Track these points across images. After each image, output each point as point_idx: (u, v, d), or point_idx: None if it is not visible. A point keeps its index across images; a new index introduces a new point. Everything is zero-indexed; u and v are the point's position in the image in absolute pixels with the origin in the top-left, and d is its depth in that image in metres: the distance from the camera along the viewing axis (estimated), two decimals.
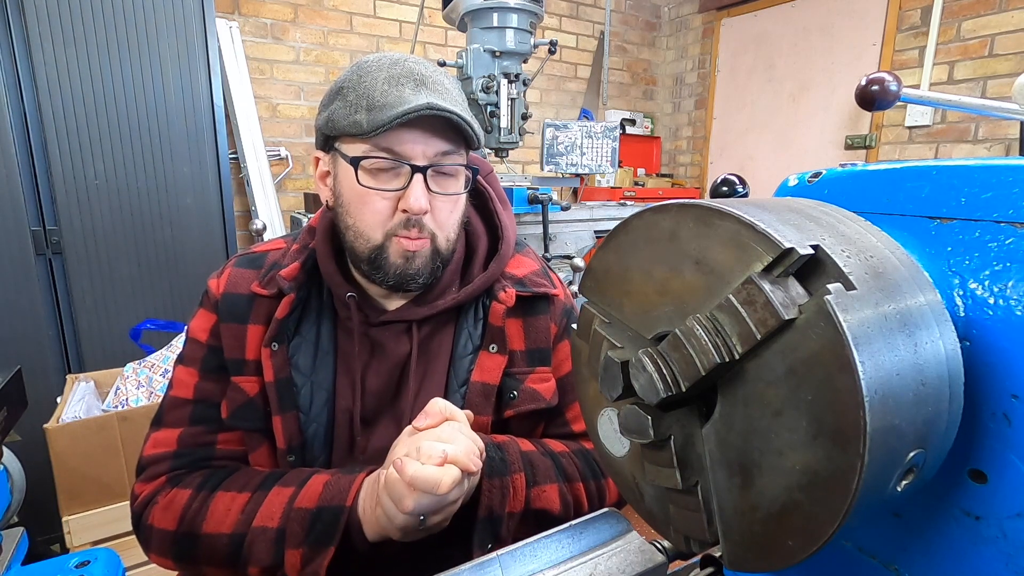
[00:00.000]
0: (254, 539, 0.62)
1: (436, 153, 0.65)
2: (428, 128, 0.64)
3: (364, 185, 0.65)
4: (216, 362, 0.72)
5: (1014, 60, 2.65)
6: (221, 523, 0.64)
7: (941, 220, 0.29)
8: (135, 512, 0.70)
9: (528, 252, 0.82)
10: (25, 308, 1.68)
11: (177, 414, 0.72)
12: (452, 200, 0.69)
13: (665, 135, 4.49)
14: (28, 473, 1.23)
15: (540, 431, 0.78)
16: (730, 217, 0.26)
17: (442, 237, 0.68)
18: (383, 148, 0.64)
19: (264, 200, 2.74)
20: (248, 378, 0.70)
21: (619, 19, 4.13)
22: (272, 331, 0.69)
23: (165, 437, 0.72)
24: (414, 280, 0.68)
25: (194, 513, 0.66)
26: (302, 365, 0.71)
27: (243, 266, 0.75)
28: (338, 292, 0.71)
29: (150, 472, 0.71)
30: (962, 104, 0.77)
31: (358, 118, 0.63)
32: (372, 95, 0.63)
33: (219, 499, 0.66)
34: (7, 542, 0.90)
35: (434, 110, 0.61)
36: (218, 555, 0.64)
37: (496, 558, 0.43)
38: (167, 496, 0.68)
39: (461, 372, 0.73)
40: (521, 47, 1.98)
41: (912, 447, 0.23)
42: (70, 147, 1.69)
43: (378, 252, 0.67)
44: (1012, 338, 0.25)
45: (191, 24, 1.82)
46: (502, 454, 0.66)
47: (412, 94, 0.63)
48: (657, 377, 0.27)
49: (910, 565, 0.30)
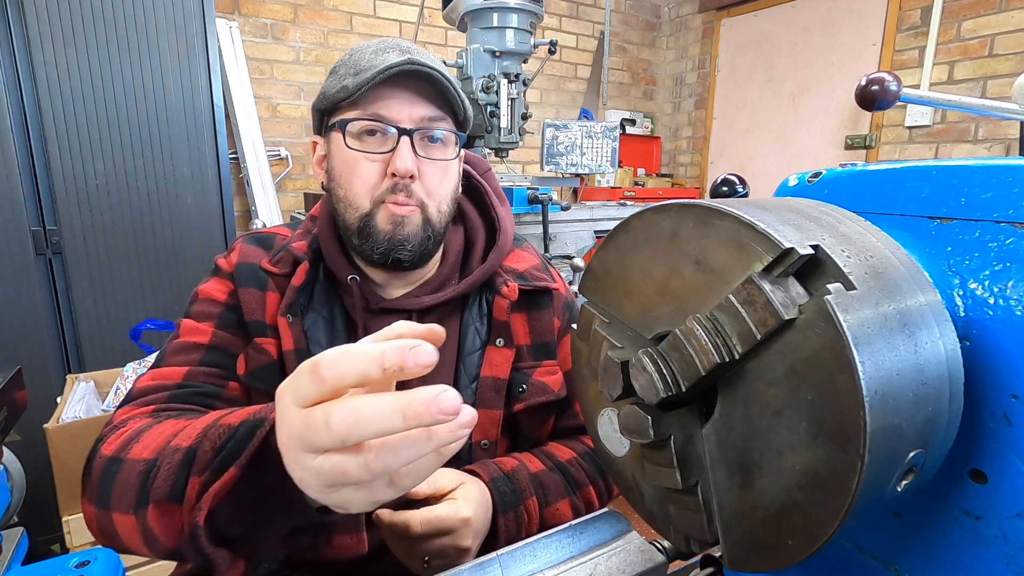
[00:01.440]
0: (161, 463, 0.48)
1: (423, 117, 0.66)
2: (414, 93, 0.65)
3: (351, 147, 0.66)
4: (234, 318, 0.70)
5: (1014, 60, 2.65)
6: (146, 447, 0.51)
7: (941, 220, 0.29)
8: (97, 437, 0.58)
9: (527, 247, 0.83)
10: (25, 308, 1.68)
11: (187, 356, 0.67)
12: (441, 167, 0.69)
13: (665, 135, 4.49)
14: (28, 473, 1.22)
15: (551, 423, 0.78)
16: (730, 217, 0.26)
17: (432, 206, 0.68)
18: (370, 112, 0.65)
19: (264, 200, 2.74)
20: (271, 340, 0.68)
21: (619, 19, 4.13)
22: (289, 299, 0.68)
23: (168, 372, 0.65)
24: (403, 247, 0.67)
25: (133, 436, 0.54)
26: (318, 337, 0.69)
27: (252, 243, 0.75)
28: (340, 275, 0.71)
29: (140, 400, 0.62)
30: (962, 104, 0.77)
31: (346, 83, 0.65)
32: (360, 63, 0.66)
33: (164, 424, 0.54)
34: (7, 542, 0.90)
35: (415, 65, 0.62)
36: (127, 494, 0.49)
37: (496, 558, 0.43)
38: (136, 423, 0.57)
39: (471, 368, 0.72)
40: (521, 47, 1.98)
41: (912, 447, 0.23)
42: (70, 147, 1.69)
43: (367, 220, 0.67)
44: (1012, 338, 0.25)
45: (191, 24, 1.82)
46: (512, 484, 0.66)
47: (396, 57, 0.64)
48: (657, 377, 0.27)
49: (910, 565, 0.30)
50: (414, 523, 0.57)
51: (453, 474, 0.63)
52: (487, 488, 0.64)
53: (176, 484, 0.46)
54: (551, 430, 0.79)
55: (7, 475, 1.15)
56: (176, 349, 0.67)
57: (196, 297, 0.72)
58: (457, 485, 0.62)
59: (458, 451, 0.33)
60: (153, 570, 1.40)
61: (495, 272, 0.76)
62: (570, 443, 0.77)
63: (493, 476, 0.65)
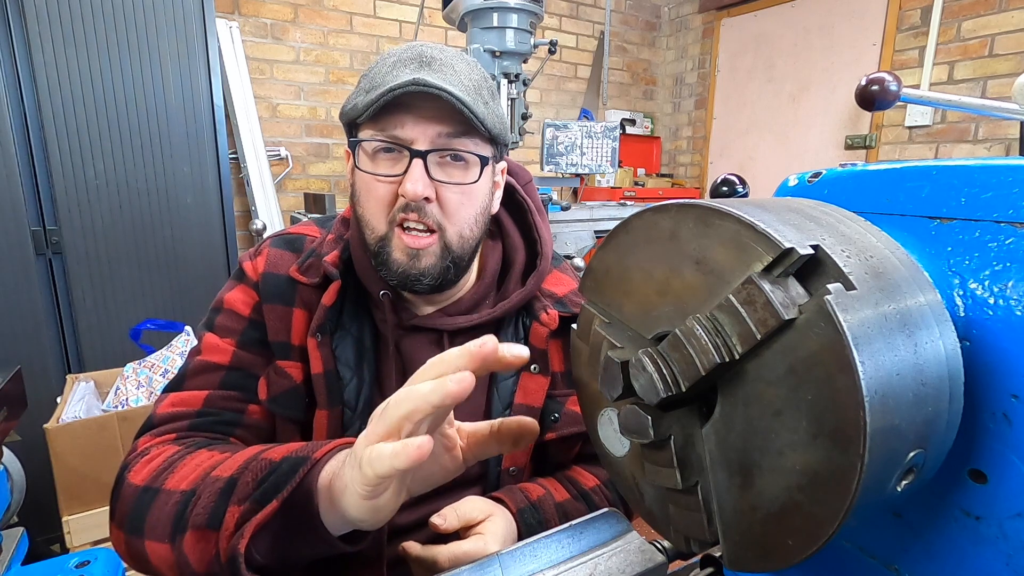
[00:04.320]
0: (201, 493, 0.50)
1: (440, 136, 0.61)
2: (430, 111, 0.61)
3: (361, 169, 0.63)
4: (257, 336, 0.67)
5: (1014, 60, 2.65)
6: (184, 479, 0.53)
7: (941, 220, 0.29)
8: (121, 465, 0.59)
9: (565, 268, 0.79)
10: (25, 308, 1.68)
11: (206, 378, 0.66)
12: (462, 191, 0.64)
13: (665, 135, 4.49)
14: (28, 473, 1.23)
15: (578, 449, 0.76)
16: (730, 217, 0.26)
17: (452, 232, 0.64)
18: (384, 131, 0.61)
19: (264, 200, 2.74)
20: (294, 363, 0.66)
21: (619, 19, 4.13)
22: (319, 318, 0.65)
23: (187, 397, 0.64)
24: (419, 280, 0.64)
25: (166, 467, 0.55)
26: (347, 358, 0.67)
27: (280, 247, 0.71)
28: (372, 289, 0.68)
29: (161, 428, 0.62)
30: (962, 104, 0.77)
31: (358, 100, 0.62)
32: (375, 78, 0.62)
33: (197, 455, 0.56)
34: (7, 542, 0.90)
35: (420, 86, 0.57)
36: (162, 522, 0.51)
37: (496, 558, 0.43)
38: (160, 451, 0.58)
39: (505, 395, 0.70)
40: (521, 47, 1.98)
41: (912, 447, 0.23)
42: (70, 147, 1.69)
43: (382, 245, 0.64)
44: (1012, 338, 0.25)
45: (191, 24, 1.82)
46: (539, 516, 0.65)
47: (408, 74, 0.59)
48: (657, 377, 0.27)
49: (910, 565, 0.30)
50: (442, 559, 0.57)
51: (481, 503, 0.63)
52: (514, 520, 0.63)
53: (215, 512, 0.48)
54: (576, 455, 0.77)
55: (7, 475, 1.15)
56: (197, 369, 0.66)
57: (221, 306, 0.69)
58: (485, 517, 0.61)
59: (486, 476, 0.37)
60: None
61: (534, 296, 0.73)
62: (593, 469, 0.76)
63: (520, 507, 0.64)
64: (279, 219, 2.78)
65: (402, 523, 0.69)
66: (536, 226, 0.76)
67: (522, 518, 0.64)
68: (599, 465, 0.77)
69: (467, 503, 0.62)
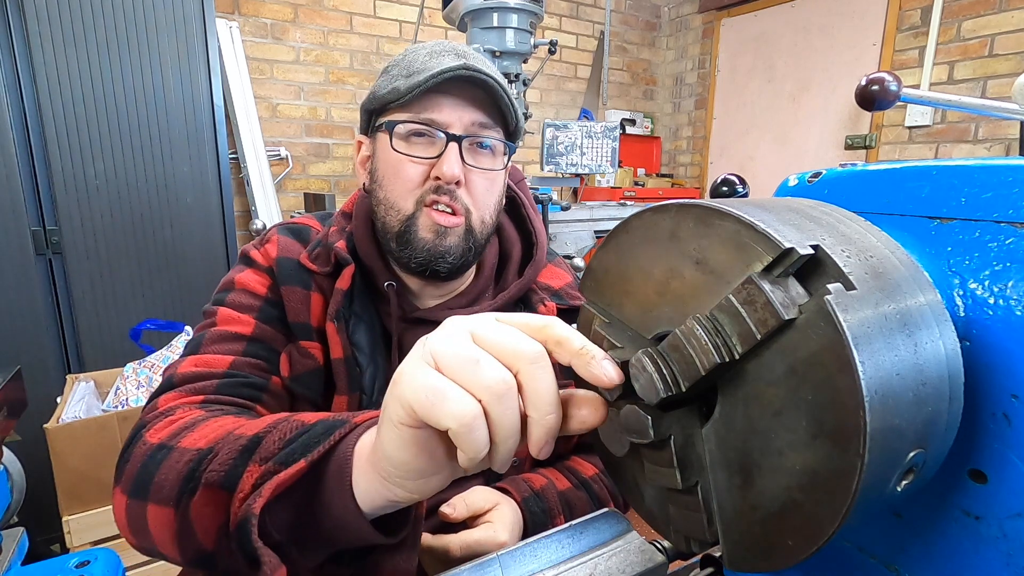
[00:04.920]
0: (219, 450, 0.44)
1: (473, 123, 0.65)
2: (466, 98, 0.64)
3: (397, 151, 0.64)
4: (276, 314, 0.66)
5: (1014, 60, 2.65)
6: (203, 437, 0.47)
7: (941, 220, 0.29)
8: (138, 424, 0.54)
9: (559, 263, 0.81)
10: (25, 308, 1.68)
11: (229, 345, 0.63)
12: (489, 177, 0.67)
13: (665, 135, 4.49)
14: (28, 473, 1.23)
15: (575, 439, 0.77)
16: (730, 217, 0.26)
17: (477, 216, 0.66)
18: (420, 116, 0.64)
19: (264, 200, 2.74)
20: (316, 344, 0.66)
21: (619, 19, 4.13)
22: (336, 303, 0.66)
23: (211, 359, 0.61)
24: (444, 259, 0.65)
25: (187, 426, 0.50)
26: (362, 345, 0.67)
27: (287, 235, 0.71)
28: (378, 280, 0.69)
29: (186, 388, 0.57)
30: (962, 104, 0.77)
31: (397, 84, 0.64)
32: (413, 65, 0.64)
33: (223, 419, 0.51)
34: (7, 542, 0.90)
35: (470, 70, 0.61)
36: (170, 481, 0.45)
37: (496, 558, 0.43)
38: (186, 412, 0.53)
39: None
40: (521, 47, 1.98)
41: (912, 447, 0.23)
42: (70, 147, 1.69)
43: (408, 224, 0.65)
44: (1012, 338, 0.25)
45: (191, 24, 1.82)
46: (543, 504, 0.66)
47: (452, 61, 0.62)
48: (657, 377, 0.27)
49: (910, 565, 0.30)
50: (453, 547, 0.58)
51: (488, 493, 0.64)
52: (520, 509, 0.64)
53: (232, 471, 0.42)
54: (574, 444, 0.78)
55: (7, 475, 1.15)
56: (216, 337, 0.63)
57: (232, 285, 0.68)
58: (492, 506, 0.62)
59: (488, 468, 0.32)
60: (153, 570, 1.40)
61: (531, 288, 0.74)
62: (591, 458, 0.77)
63: (524, 496, 0.65)
64: (279, 219, 2.78)
65: None
66: (531, 219, 0.78)
67: (527, 507, 0.65)
68: (596, 454, 0.78)
69: (474, 493, 0.63)
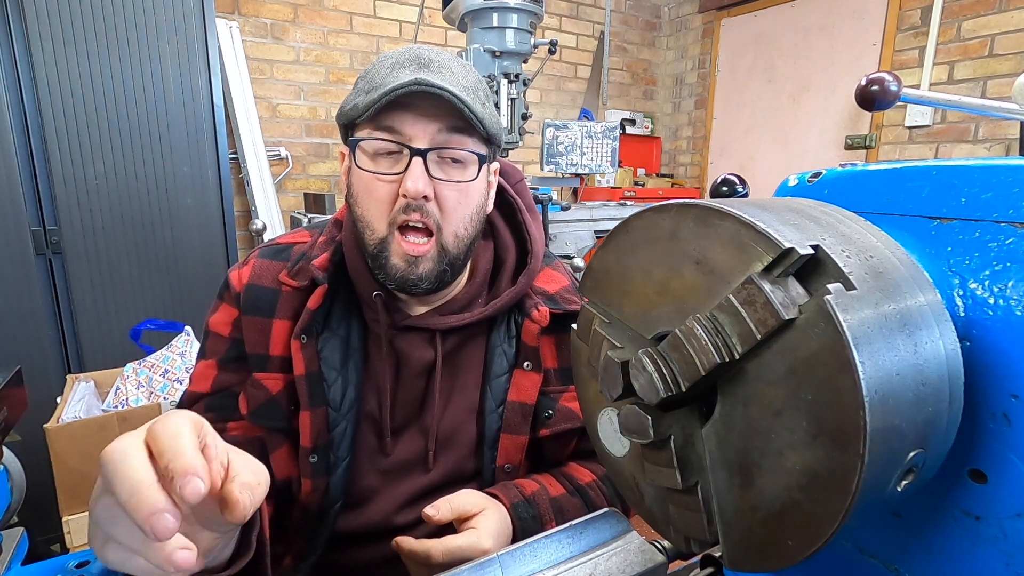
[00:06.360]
0: None
1: (439, 132, 0.62)
2: (429, 111, 0.62)
3: (362, 168, 0.63)
4: (238, 352, 0.70)
5: (1014, 60, 2.65)
6: None
7: (941, 220, 0.29)
8: None
9: (558, 266, 0.80)
10: (25, 308, 1.68)
11: (192, 407, 0.70)
12: (460, 189, 0.64)
13: (665, 135, 4.49)
14: (28, 473, 1.22)
15: (573, 446, 0.76)
16: (730, 217, 0.26)
17: (449, 231, 0.65)
18: (384, 130, 0.62)
19: (264, 200, 2.74)
20: (271, 375, 0.68)
21: (619, 19, 4.13)
22: (304, 322, 0.66)
23: None
24: (417, 286, 0.65)
25: None
26: (332, 359, 0.68)
27: (268, 257, 0.72)
28: (364, 291, 0.69)
29: None
30: (962, 104, 0.77)
31: (358, 100, 0.63)
32: (375, 79, 0.63)
33: None
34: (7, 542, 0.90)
35: (422, 86, 0.58)
36: None
37: (496, 558, 0.43)
38: None
39: (498, 392, 0.71)
40: (521, 47, 1.98)
41: (912, 447, 0.23)
42: (70, 147, 1.69)
43: (380, 248, 0.64)
44: (1012, 338, 0.25)
45: (191, 24, 1.82)
46: (533, 511, 0.65)
47: (409, 74, 0.60)
48: (657, 377, 0.27)
49: (910, 565, 0.30)
50: (435, 553, 0.57)
51: (476, 497, 0.63)
52: (508, 515, 0.63)
53: None
54: (572, 451, 0.77)
55: (7, 475, 1.15)
56: (184, 402, 0.72)
57: (207, 332, 0.73)
58: (479, 510, 0.61)
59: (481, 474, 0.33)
60: None
61: (525, 294, 0.73)
62: (590, 465, 0.76)
63: (514, 502, 0.65)
64: (279, 219, 2.78)
65: (400, 523, 0.70)
66: (526, 225, 0.76)
67: (516, 513, 0.64)
68: (596, 461, 0.77)
69: (461, 496, 0.62)
